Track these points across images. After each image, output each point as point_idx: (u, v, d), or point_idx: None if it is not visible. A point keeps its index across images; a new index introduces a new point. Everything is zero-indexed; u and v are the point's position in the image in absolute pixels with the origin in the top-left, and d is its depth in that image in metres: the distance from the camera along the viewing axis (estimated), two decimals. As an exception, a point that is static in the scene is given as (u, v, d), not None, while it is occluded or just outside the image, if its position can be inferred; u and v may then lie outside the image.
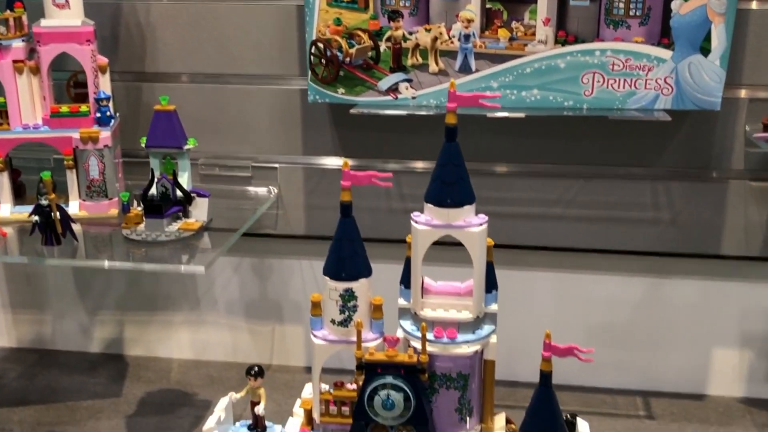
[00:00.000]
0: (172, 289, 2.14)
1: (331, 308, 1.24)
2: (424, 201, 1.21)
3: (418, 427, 1.21)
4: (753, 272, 1.89)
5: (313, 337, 1.27)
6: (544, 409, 1.23)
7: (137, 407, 1.94)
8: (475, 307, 1.23)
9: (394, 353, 1.20)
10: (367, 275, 1.24)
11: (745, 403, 1.97)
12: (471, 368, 1.24)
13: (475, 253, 1.20)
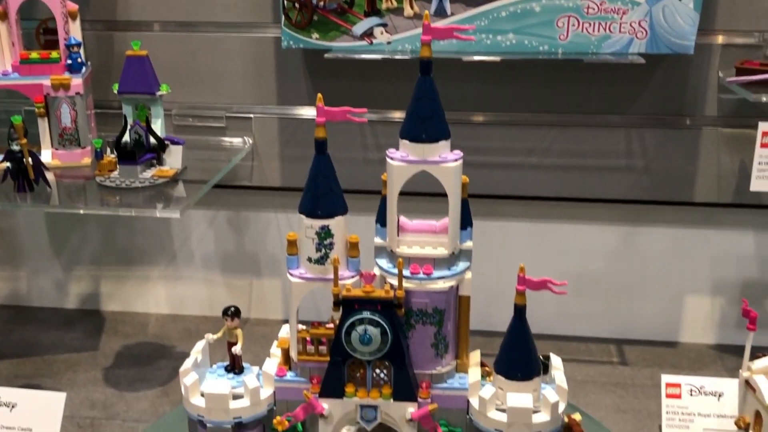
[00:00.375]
0: (148, 243, 2.13)
1: (307, 246, 1.24)
2: (400, 137, 1.20)
3: (394, 362, 1.22)
4: (725, 219, 1.92)
5: (290, 276, 1.26)
6: (518, 342, 1.24)
7: (115, 360, 1.93)
8: (451, 243, 1.23)
9: (370, 289, 1.21)
10: (343, 213, 1.24)
11: (717, 349, 2.01)
12: (447, 304, 1.24)
13: (451, 189, 1.21)
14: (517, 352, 1.23)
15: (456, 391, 1.25)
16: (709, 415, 1.60)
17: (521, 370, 1.22)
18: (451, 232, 1.22)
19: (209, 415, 1.27)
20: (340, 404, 1.24)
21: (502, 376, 1.23)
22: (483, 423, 1.23)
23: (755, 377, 1.32)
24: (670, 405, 1.62)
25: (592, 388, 1.84)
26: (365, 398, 1.24)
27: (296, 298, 1.26)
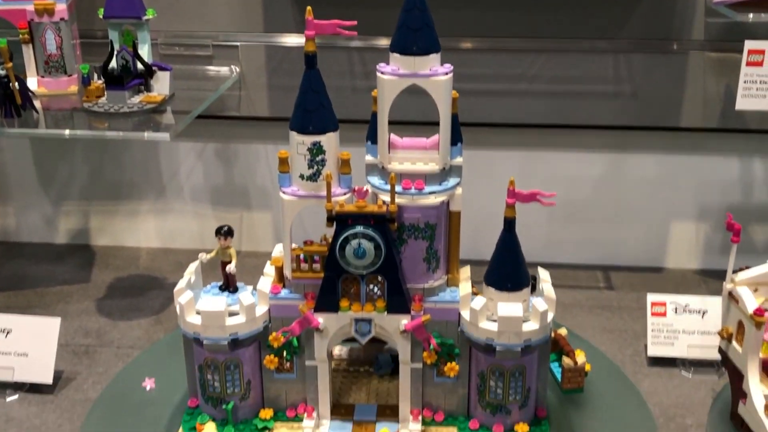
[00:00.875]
0: (137, 177, 2.13)
1: (299, 163, 1.25)
2: (390, 51, 1.20)
3: (387, 276, 1.24)
4: (711, 144, 1.94)
5: (282, 194, 1.27)
6: (508, 254, 1.26)
7: (107, 291, 1.95)
8: (441, 158, 1.24)
9: (363, 204, 1.22)
10: (334, 129, 1.25)
11: (701, 274, 2.04)
12: (438, 219, 1.26)
13: (441, 102, 1.21)
14: (507, 264, 1.25)
15: (447, 304, 1.27)
16: (693, 332, 1.64)
17: (511, 281, 1.25)
18: (441, 147, 1.23)
19: (205, 333, 1.29)
20: (335, 318, 1.27)
21: (492, 287, 1.25)
22: (475, 333, 1.25)
23: (738, 289, 1.35)
24: (655, 323, 1.66)
25: (579, 311, 1.87)
26: (359, 312, 1.26)
27: (289, 216, 1.28)
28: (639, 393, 1.49)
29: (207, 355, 1.31)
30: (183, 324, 1.32)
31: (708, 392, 1.55)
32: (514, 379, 1.28)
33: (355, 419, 1.35)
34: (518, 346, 1.24)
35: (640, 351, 1.70)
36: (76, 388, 1.55)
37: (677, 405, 1.53)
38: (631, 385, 1.52)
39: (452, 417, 1.35)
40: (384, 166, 1.24)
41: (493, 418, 1.32)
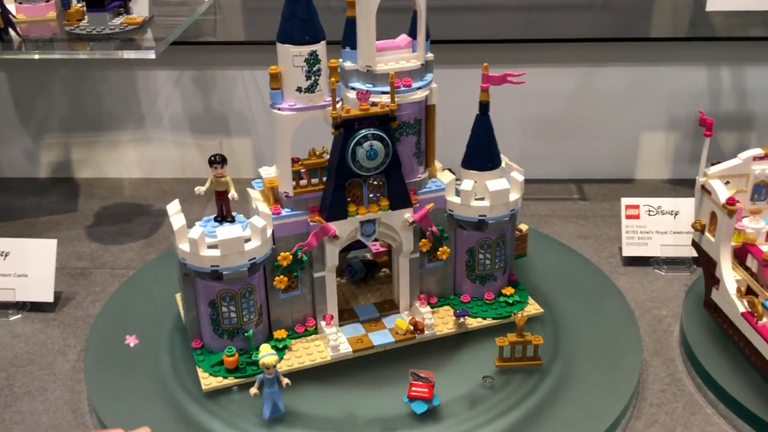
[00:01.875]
0: (115, 108, 2.13)
1: (296, 76, 1.24)
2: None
3: (392, 173, 1.28)
4: (680, 54, 1.99)
5: (278, 111, 1.26)
6: (486, 136, 1.38)
7: (95, 219, 1.97)
8: (421, 54, 1.28)
9: (367, 107, 1.25)
10: (324, 36, 1.26)
11: (671, 183, 2.12)
12: (421, 113, 1.30)
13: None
14: (486, 146, 1.35)
15: (435, 193, 1.35)
16: (666, 232, 1.72)
17: (491, 161, 1.36)
18: (421, 43, 1.27)
19: (225, 263, 1.24)
20: (345, 224, 1.31)
21: (474, 170, 1.35)
22: (467, 213, 1.33)
23: (710, 182, 1.42)
24: (630, 225, 1.73)
25: (555, 220, 1.94)
26: (366, 214, 1.30)
27: (288, 131, 1.27)
28: (617, 289, 1.57)
29: (222, 287, 1.27)
30: (196, 260, 1.25)
31: (681, 287, 1.64)
32: (499, 249, 1.41)
33: (362, 320, 1.40)
34: (506, 216, 1.37)
35: (615, 253, 1.78)
36: (77, 306, 1.59)
37: (652, 299, 1.61)
38: (609, 281, 1.59)
39: (443, 298, 1.46)
40: (372, 67, 1.27)
41: (482, 288, 1.45)
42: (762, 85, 2.01)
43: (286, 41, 1.22)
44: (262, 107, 2.10)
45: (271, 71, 1.25)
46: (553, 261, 1.64)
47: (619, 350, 1.38)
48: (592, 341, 1.40)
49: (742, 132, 2.06)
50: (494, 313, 1.43)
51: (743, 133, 2.06)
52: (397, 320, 1.37)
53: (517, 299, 1.46)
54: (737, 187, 1.44)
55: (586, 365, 1.34)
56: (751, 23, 1.91)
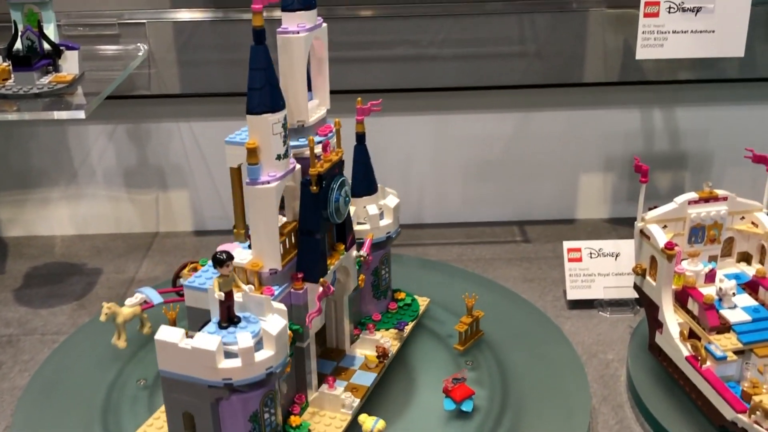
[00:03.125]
0: (46, 163, 2.07)
1: (275, 144, 1.17)
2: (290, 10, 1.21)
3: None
4: (613, 98, 2.03)
5: (263, 186, 1.16)
6: (361, 162, 1.42)
7: (24, 281, 1.90)
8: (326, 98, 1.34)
9: (330, 156, 1.25)
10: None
11: (611, 222, 2.15)
12: None
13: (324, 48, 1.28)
14: (364, 173, 1.43)
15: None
16: (608, 274, 1.73)
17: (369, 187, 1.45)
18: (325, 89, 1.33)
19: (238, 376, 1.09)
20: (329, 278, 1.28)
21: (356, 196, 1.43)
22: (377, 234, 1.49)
23: (649, 226, 1.43)
24: (572, 268, 1.74)
25: (499, 264, 1.94)
26: (335, 262, 1.30)
27: (276, 204, 1.19)
28: (563, 334, 1.57)
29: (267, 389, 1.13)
30: (211, 374, 1.08)
31: (626, 329, 1.64)
32: (388, 263, 1.53)
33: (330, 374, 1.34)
34: (395, 232, 1.51)
35: (559, 296, 1.78)
36: (2, 378, 1.52)
37: (598, 342, 1.61)
38: (555, 327, 1.59)
39: (361, 323, 1.50)
40: (305, 122, 1.26)
41: (384, 302, 1.54)
42: (692, 125, 2.06)
43: (264, 111, 1.16)
44: (200, 159, 2.06)
45: (250, 146, 1.16)
46: (499, 307, 1.64)
47: (568, 398, 1.37)
48: (540, 390, 1.39)
49: (676, 171, 2.11)
50: (414, 315, 1.54)
51: (677, 172, 2.11)
52: (367, 355, 1.40)
53: (409, 300, 1.57)
54: (674, 231, 1.46)
55: (535, 415, 1.33)
56: (680, 67, 1.96)
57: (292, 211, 1.26)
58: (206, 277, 1.22)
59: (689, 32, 1.61)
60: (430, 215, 2.12)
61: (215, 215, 2.11)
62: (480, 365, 1.44)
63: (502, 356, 1.47)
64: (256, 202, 1.18)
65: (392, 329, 1.49)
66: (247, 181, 1.17)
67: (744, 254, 1.51)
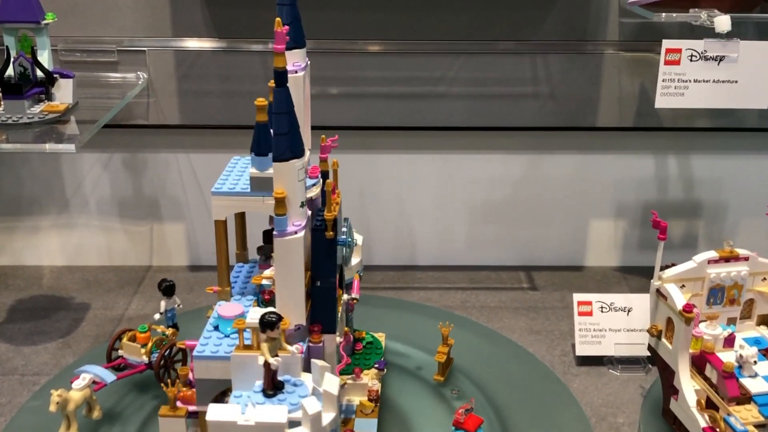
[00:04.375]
0: (37, 191, 1.99)
1: (299, 191, 1.12)
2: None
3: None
4: (627, 143, 1.96)
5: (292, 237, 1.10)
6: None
7: (7, 315, 1.81)
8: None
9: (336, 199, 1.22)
10: None
11: (621, 270, 2.07)
12: None
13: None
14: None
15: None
16: (619, 329, 1.65)
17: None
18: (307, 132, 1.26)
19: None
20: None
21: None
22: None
23: (666, 286, 1.35)
24: (582, 322, 1.66)
25: (505, 313, 1.86)
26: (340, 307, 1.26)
27: (303, 255, 1.13)
28: (571, 394, 1.48)
29: None
30: None
31: (637, 389, 1.56)
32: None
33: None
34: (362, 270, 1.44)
35: (567, 351, 1.70)
36: (-23, 424, 1.43)
37: (608, 404, 1.53)
38: (563, 386, 1.51)
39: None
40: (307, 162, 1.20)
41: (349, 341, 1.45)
42: (708, 173, 1.99)
43: (291, 157, 1.10)
44: (197, 191, 1.99)
45: (279, 196, 1.10)
46: (504, 362, 1.56)
47: (576, 468, 1.29)
48: (547, 457, 1.31)
49: (690, 220, 2.03)
50: (380, 353, 1.49)
51: (690, 221, 2.03)
52: (360, 401, 1.34)
53: (370, 338, 1.52)
54: (692, 291, 1.38)
55: (542, 487, 1.25)
56: (696, 114, 1.90)
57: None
58: (213, 344, 1.13)
59: (711, 81, 1.54)
60: (431, 257, 2.05)
61: (211, 250, 2.01)
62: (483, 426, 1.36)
63: (505, 416, 1.39)
64: (285, 256, 1.11)
65: (373, 369, 1.42)
66: (275, 233, 1.11)
67: (764, 317, 1.44)
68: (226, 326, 1.14)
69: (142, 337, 1.44)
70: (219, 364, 1.09)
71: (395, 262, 2.03)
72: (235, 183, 1.20)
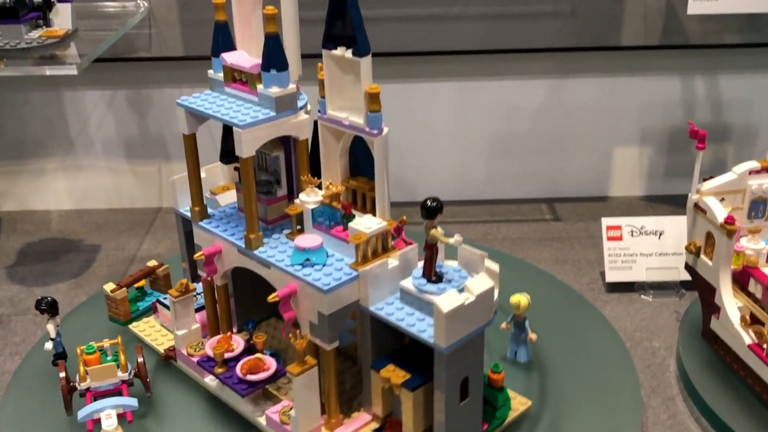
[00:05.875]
0: (41, 133, 1.93)
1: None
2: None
3: None
4: (652, 64, 1.87)
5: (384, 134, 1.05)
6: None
7: (18, 258, 1.76)
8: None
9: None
10: None
11: (647, 200, 1.99)
12: None
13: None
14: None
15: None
16: (651, 254, 1.58)
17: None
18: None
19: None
20: None
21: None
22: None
23: (705, 199, 1.28)
24: (612, 248, 1.59)
25: (528, 243, 1.79)
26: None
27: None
28: (605, 319, 1.42)
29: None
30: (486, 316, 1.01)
31: (672, 314, 1.50)
32: None
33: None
34: None
35: (596, 279, 1.64)
36: (-9, 362, 1.38)
37: (642, 329, 1.47)
38: (596, 311, 1.45)
39: None
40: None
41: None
42: (738, 94, 1.90)
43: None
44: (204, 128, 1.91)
45: (373, 91, 1.04)
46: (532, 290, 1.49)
47: (613, 391, 1.23)
48: (582, 381, 1.25)
49: (718, 144, 1.95)
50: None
51: (719, 145, 1.95)
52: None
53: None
54: (733, 204, 1.31)
55: (578, 411, 1.19)
56: (726, 29, 1.80)
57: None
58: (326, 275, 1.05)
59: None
60: (450, 192, 1.97)
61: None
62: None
63: (539, 343, 1.33)
64: (383, 153, 1.07)
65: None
66: (374, 132, 1.05)
67: (808, 231, 1.36)
68: (319, 257, 1.07)
69: (93, 359, 1.16)
70: (347, 290, 1.04)
71: (410, 199, 1.96)
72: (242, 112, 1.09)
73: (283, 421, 1.10)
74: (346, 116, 1.09)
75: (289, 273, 1.05)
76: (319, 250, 1.07)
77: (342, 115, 1.09)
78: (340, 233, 1.08)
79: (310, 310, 1.04)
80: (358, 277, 1.03)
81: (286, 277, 1.06)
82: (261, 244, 1.11)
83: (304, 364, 1.05)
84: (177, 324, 1.22)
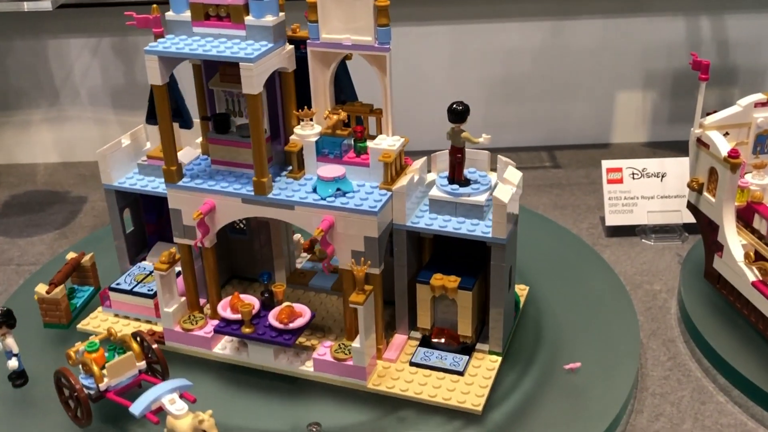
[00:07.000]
0: (24, 83, 1.87)
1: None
2: None
3: None
4: (655, 4, 1.80)
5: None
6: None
7: (2, 210, 1.72)
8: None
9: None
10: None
11: (651, 146, 1.93)
12: None
13: None
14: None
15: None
16: (652, 197, 1.53)
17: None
18: None
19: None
20: None
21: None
22: None
23: (708, 133, 1.22)
24: (612, 190, 1.54)
25: (526, 190, 1.72)
26: None
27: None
28: (605, 262, 1.37)
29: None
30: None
31: (674, 257, 1.45)
32: None
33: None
34: None
35: (596, 223, 1.59)
36: (-31, 310, 1.34)
37: (643, 272, 1.42)
38: (595, 254, 1.40)
39: None
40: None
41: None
42: (744, 35, 1.83)
43: None
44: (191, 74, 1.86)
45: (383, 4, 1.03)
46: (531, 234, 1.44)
47: (612, 333, 1.19)
48: (581, 323, 1.21)
49: (724, 87, 1.89)
50: None
51: (725, 88, 1.89)
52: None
53: None
54: (737, 139, 1.25)
55: (576, 352, 1.14)
56: (732, -35, 1.73)
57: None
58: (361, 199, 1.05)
59: None
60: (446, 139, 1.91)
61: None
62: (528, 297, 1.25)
63: (537, 287, 1.28)
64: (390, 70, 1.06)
65: None
66: (385, 46, 1.04)
67: (815, 167, 1.30)
68: (347, 185, 1.07)
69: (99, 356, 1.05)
70: (387, 211, 1.05)
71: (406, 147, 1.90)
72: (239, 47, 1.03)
73: (339, 359, 1.07)
74: (346, 37, 1.04)
75: (323, 207, 1.04)
76: (345, 178, 1.06)
77: (341, 37, 1.04)
78: (354, 159, 1.08)
79: (353, 238, 1.04)
80: (392, 196, 1.04)
81: (319, 212, 1.04)
82: (272, 188, 1.06)
83: (363, 292, 1.02)
84: (164, 301, 1.12)
